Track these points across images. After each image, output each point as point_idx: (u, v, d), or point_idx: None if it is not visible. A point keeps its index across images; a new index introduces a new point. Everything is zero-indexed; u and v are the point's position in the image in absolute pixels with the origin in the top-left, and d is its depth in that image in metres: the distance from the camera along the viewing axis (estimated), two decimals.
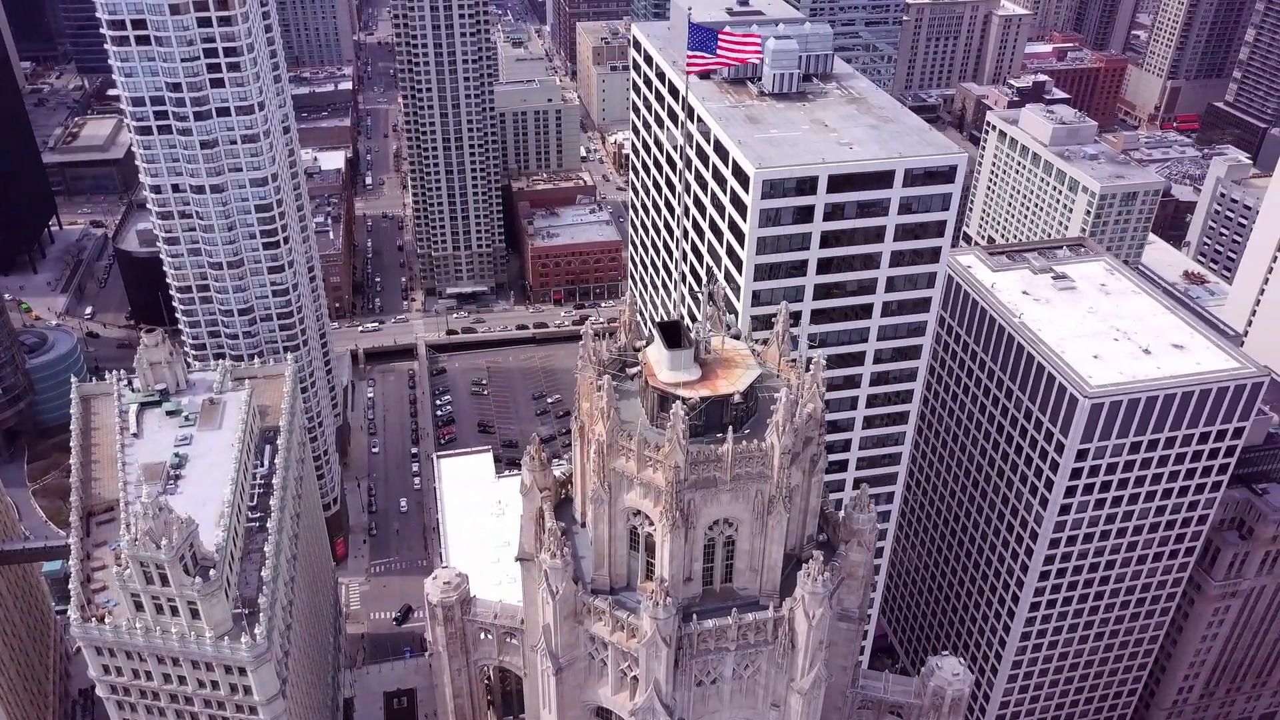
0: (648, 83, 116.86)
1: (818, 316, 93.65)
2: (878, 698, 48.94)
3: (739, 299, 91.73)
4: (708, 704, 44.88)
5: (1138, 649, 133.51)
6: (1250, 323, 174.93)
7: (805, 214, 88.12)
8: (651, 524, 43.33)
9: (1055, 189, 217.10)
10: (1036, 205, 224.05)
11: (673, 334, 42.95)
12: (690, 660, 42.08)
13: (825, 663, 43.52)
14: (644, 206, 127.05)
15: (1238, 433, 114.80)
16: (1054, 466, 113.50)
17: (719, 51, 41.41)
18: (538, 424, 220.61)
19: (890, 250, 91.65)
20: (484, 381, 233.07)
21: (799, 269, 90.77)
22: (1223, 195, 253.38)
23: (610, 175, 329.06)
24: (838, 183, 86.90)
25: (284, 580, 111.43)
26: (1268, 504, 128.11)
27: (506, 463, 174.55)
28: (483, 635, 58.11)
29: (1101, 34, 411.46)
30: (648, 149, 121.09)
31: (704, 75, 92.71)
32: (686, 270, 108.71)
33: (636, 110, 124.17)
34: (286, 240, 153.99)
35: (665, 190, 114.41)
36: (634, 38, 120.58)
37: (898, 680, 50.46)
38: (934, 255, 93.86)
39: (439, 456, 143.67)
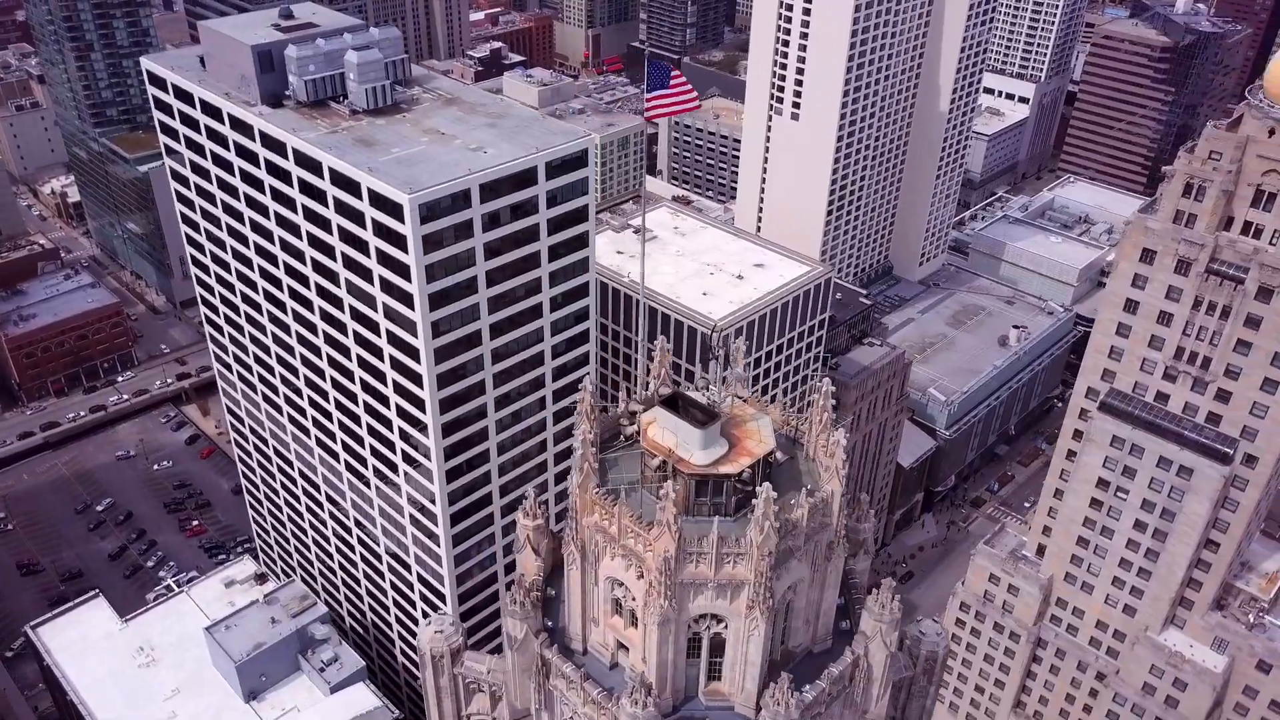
0: (191, 123, 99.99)
1: (496, 330, 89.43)
2: None
3: (417, 336, 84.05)
4: None
5: None
6: (759, 228, 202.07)
7: (465, 229, 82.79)
8: (720, 623, 38.33)
9: None
10: None
11: (692, 408, 37.63)
12: None
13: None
14: (220, 262, 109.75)
15: (823, 323, 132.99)
16: None
17: (672, 89, 35.83)
18: (96, 539, 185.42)
19: (547, 246, 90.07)
20: (4, 515, 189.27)
21: (470, 287, 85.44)
22: (677, 123, 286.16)
23: (63, 230, 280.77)
24: (489, 190, 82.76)
25: None
26: (843, 374, 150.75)
27: (76, 594, 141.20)
28: None
29: None
30: (210, 198, 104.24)
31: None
32: (318, 320, 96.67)
33: (175, 154, 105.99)
34: None
35: (258, 239, 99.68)
36: (150, 72, 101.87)
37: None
38: (583, 241, 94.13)
39: (33, 627, 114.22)
